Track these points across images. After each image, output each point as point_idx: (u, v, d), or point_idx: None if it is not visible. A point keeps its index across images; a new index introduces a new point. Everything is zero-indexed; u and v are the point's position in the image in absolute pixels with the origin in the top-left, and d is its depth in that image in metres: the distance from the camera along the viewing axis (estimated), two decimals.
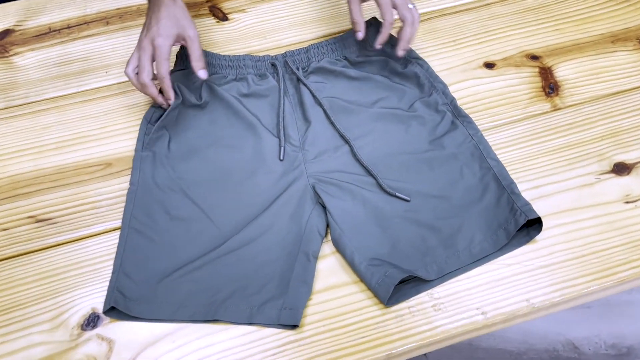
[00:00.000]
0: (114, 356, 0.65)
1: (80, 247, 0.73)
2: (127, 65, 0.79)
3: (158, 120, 0.80)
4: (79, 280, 0.70)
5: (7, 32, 0.97)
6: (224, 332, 0.66)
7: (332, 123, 0.82)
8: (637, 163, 0.78)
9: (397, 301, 0.67)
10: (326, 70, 0.87)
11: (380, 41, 0.83)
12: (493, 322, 0.66)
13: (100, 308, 0.68)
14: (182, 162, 0.79)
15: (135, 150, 0.79)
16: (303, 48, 0.87)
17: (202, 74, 0.80)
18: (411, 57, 0.87)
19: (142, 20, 0.83)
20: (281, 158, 0.79)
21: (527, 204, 0.71)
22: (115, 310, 0.67)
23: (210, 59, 0.85)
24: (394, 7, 0.81)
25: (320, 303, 0.68)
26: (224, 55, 0.86)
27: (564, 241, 0.71)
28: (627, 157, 0.78)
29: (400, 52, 0.83)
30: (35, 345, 0.66)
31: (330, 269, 0.71)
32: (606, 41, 0.92)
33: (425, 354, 1.37)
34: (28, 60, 0.93)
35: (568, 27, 0.94)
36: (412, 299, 0.68)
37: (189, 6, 0.99)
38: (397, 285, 0.67)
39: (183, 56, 0.85)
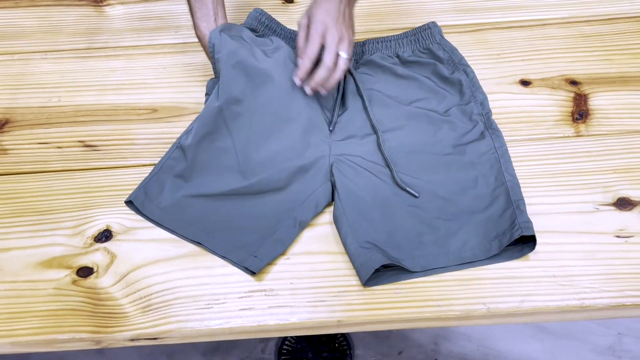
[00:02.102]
0: (113, 267, 0.75)
1: (113, 174, 0.85)
2: None
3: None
4: (104, 201, 0.82)
5: None
6: (207, 269, 0.75)
7: (367, 112, 0.87)
8: None
9: (377, 284, 0.72)
10: (375, 64, 0.92)
11: (299, 75, 0.83)
12: (446, 317, 0.69)
13: (114, 227, 0.79)
14: (234, 105, 0.85)
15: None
16: (360, 42, 0.93)
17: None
18: (459, 64, 0.90)
19: None
20: (331, 129, 0.85)
21: (528, 221, 0.73)
22: (132, 204, 0.80)
23: (276, 27, 0.93)
24: (323, 45, 0.82)
25: (297, 264, 0.74)
26: (290, 29, 0.94)
27: (541, 259, 0.72)
28: (634, 194, 0.77)
29: (305, 88, 0.84)
30: (56, 245, 0.78)
31: (319, 236, 0.77)
32: None
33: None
34: (116, 11, 1.07)
35: (619, 58, 0.93)
36: None
37: None
38: (382, 270, 0.72)
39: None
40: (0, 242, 0.78)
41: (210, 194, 0.80)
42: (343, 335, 1.42)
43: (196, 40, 0.91)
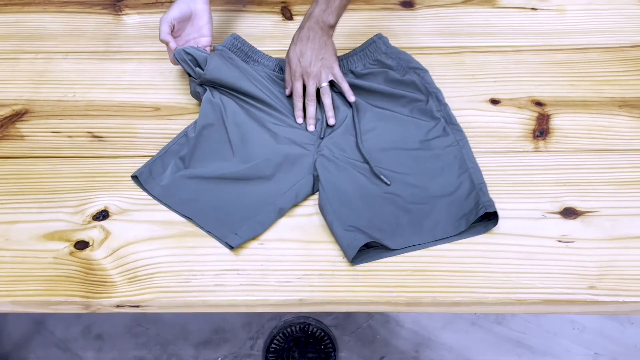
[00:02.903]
0: (106, 243, 0.85)
1: (115, 162, 0.95)
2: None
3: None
4: (104, 185, 0.92)
5: None
6: (189, 249, 0.84)
7: (354, 119, 0.97)
8: (587, 212, 0.84)
9: (362, 261, 0.81)
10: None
11: (298, 115, 0.98)
12: (396, 302, 0.77)
13: (111, 208, 0.89)
14: (232, 109, 0.96)
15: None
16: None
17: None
18: (409, 67, 1.00)
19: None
20: (322, 137, 0.96)
21: (490, 200, 0.83)
22: (137, 179, 0.91)
23: (248, 50, 1.03)
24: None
25: (269, 249, 0.83)
26: (263, 53, 1.04)
27: (486, 257, 0.80)
28: (580, 205, 0.85)
29: (309, 127, 0.97)
30: (59, 220, 0.88)
31: (294, 226, 0.85)
32: (614, 104, 0.98)
33: None
34: (132, 20, 1.18)
35: (583, 84, 1.01)
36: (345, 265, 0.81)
37: (267, 4, 1.19)
38: (366, 250, 0.81)
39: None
40: (10, 216, 0.88)
41: (204, 176, 0.90)
42: (329, 337, 1.49)
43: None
